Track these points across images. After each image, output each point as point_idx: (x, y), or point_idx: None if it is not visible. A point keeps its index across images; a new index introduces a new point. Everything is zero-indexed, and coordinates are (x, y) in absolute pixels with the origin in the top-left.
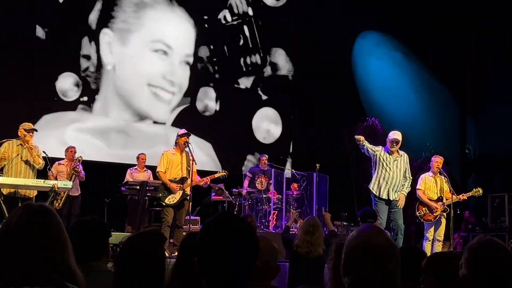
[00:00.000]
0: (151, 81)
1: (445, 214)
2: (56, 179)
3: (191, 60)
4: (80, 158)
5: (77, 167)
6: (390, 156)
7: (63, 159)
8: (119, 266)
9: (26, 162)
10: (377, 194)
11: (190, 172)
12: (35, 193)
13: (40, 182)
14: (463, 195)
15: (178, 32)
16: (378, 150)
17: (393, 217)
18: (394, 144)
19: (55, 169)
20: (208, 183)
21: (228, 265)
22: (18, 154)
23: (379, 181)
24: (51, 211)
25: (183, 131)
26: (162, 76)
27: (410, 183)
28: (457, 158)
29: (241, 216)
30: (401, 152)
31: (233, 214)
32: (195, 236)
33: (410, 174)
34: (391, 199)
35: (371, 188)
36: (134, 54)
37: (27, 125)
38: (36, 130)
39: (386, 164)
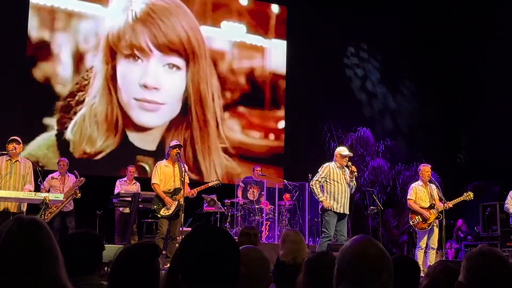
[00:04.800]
0: None
1: (437, 221)
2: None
3: None
4: (82, 180)
5: (77, 190)
6: (340, 170)
7: (55, 171)
8: (113, 278)
9: (17, 178)
10: (335, 210)
11: (184, 183)
12: (25, 208)
13: (31, 195)
14: (453, 201)
15: None
16: (327, 173)
17: (340, 229)
18: (347, 160)
19: (48, 183)
20: (195, 195)
21: (210, 278)
22: (9, 172)
23: (334, 196)
24: (42, 224)
25: (175, 142)
26: None
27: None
28: (449, 166)
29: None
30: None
31: (207, 226)
32: None
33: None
34: (347, 213)
35: (328, 204)
36: None
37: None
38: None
39: (338, 181)
